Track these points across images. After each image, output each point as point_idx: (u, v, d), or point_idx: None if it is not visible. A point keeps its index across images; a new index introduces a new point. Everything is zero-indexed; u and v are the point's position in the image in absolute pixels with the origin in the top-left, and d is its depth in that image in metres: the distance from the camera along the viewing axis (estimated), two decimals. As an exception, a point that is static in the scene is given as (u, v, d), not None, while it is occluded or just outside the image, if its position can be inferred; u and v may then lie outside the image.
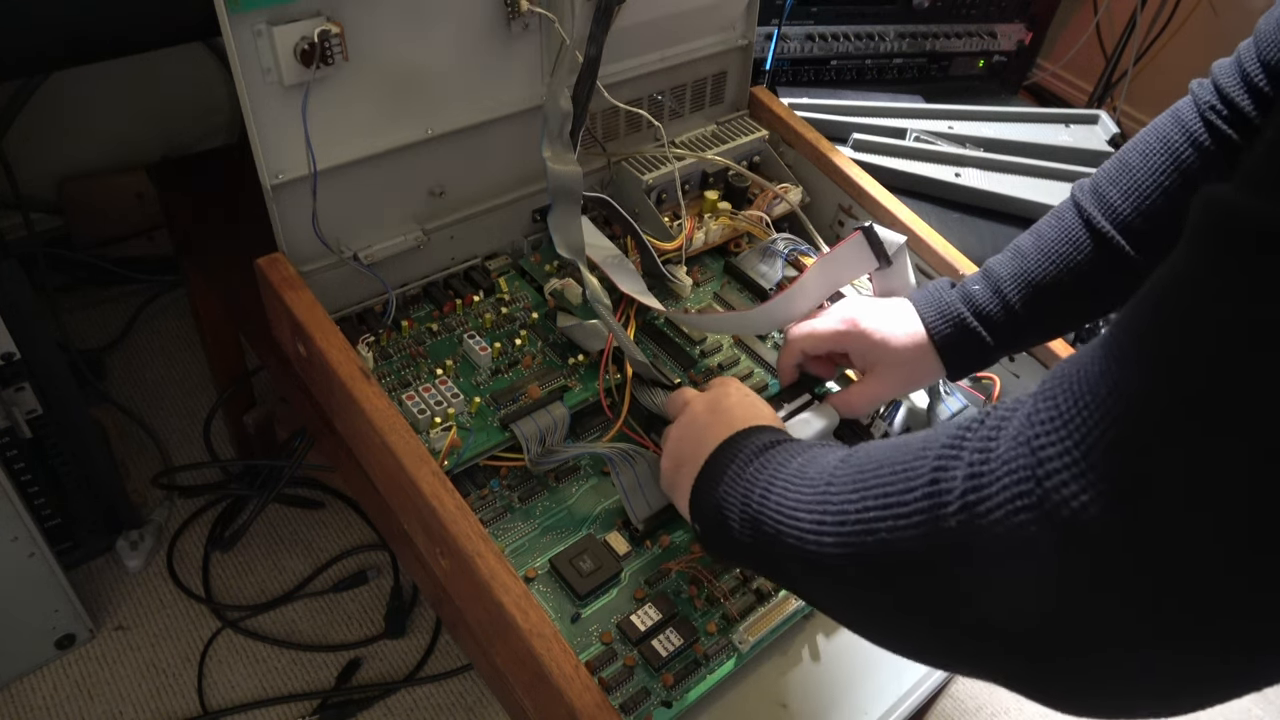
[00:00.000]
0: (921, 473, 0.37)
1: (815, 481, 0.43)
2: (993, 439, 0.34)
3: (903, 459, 0.38)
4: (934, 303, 0.67)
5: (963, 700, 1.12)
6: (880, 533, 0.38)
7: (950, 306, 0.66)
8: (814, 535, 0.41)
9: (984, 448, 0.35)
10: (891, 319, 0.67)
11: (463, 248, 0.80)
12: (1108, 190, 0.61)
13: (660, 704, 0.56)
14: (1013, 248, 0.65)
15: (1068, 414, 0.31)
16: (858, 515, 0.39)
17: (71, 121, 1.29)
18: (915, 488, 0.37)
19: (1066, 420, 0.31)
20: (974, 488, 0.34)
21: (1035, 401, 0.33)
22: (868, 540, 0.38)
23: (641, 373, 0.72)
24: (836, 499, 0.41)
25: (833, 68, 1.36)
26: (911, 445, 0.39)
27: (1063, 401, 0.32)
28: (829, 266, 0.74)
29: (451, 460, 0.64)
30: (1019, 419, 0.34)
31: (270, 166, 0.66)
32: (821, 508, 0.41)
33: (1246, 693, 0.30)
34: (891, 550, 0.37)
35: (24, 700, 0.99)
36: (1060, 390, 0.33)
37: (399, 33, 0.67)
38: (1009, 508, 0.32)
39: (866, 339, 0.67)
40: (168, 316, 1.41)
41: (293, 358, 0.73)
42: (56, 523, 0.99)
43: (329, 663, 1.06)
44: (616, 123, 0.85)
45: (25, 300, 0.82)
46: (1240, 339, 0.27)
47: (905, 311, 0.67)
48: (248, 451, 1.21)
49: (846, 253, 0.73)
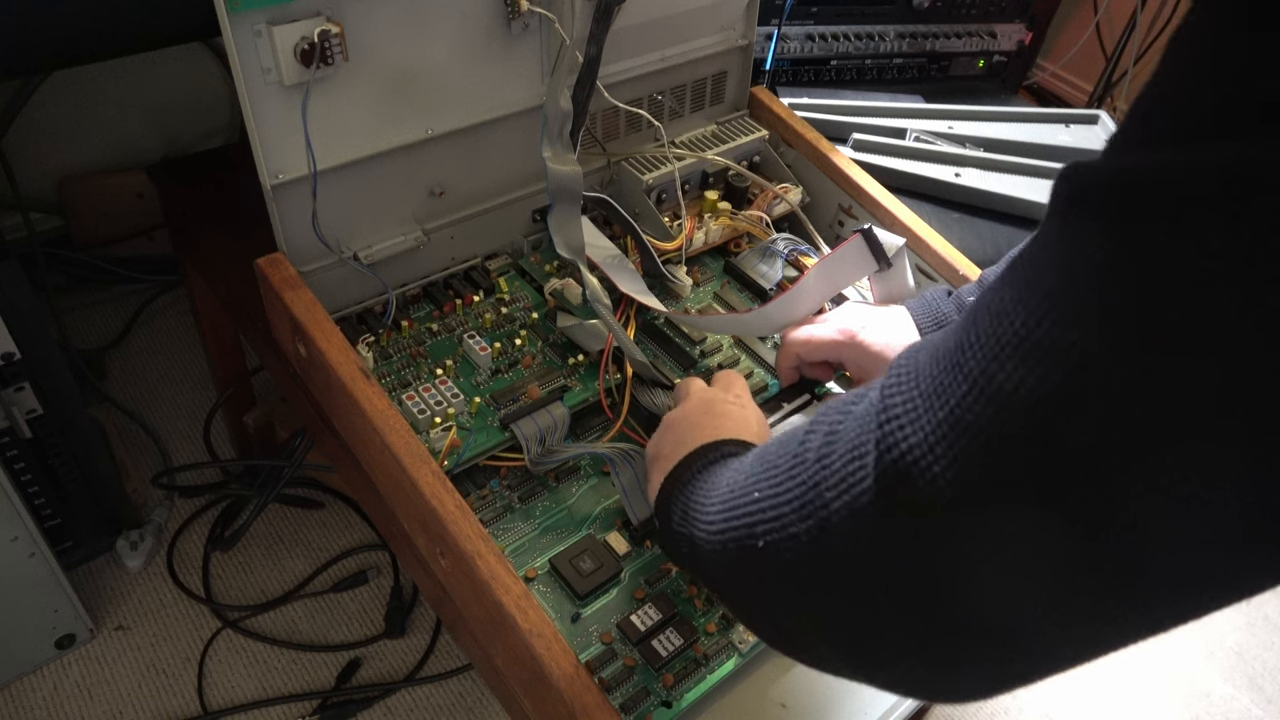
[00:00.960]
0: (794, 442, 0.38)
1: (728, 481, 0.44)
2: (855, 403, 0.36)
3: (788, 437, 0.40)
4: (929, 311, 0.68)
5: (963, 700, 1.12)
6: (762, 506, 0.38)
7: (946, 317, 0.67)
8: (710, 522, 0.42)
9: (845, 410, 0.36)
10: (889, 330, 0.67)
11: (463, 248, 0.80)
12: None
13: (660, 704, 0.56)
14: (1009, 257, 0.66)
15: (921, 369, 0.33)
16: (743, 496, 0.40)
17: (71, 121, 1.29)
18: (786, 455, 0.38)
19: (916, 372, 0.33)
20: (828, 441, 0.35)
21: (896, 362, 0.35)
22: (755, 529, 0.39)
23: (641, 373, 0.72)
24: (735, 491, 0.42)
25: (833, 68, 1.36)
26: (799, 425, 0.40)
27: (922, 357, 0.33)
28: (829, 269, 0.74)
29: (451, 460, 0.64)
30: (878, 383, 0.35)
31: (270, 166, 0.66)
32: (725, 499, 0.42)
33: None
34: (768, 519, 0.38)
35: (24, 700, 0.99)
36: (922, 349, 0.34)
37: (399, 33, 0.67)
38: (852, 453, 0.33)
39: (864, 350, 0.67)
40: (168, 316, 1.41)
41: (293, 358, 0.73)
42: (56, 523, 0.99)
43: (329, 663, 1.06)
44: (616, 123, 0.85)
45: (25, 300, 0.82)
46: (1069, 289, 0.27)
47: (902, 321, 0.68)
48: (248, 451, 1.21)
49: (846, 255, 0.73)
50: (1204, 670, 1.18)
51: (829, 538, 0.34)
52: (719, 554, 0.41)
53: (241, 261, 0.71)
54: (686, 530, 0.45)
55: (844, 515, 0.33)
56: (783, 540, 0.36)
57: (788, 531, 0.36)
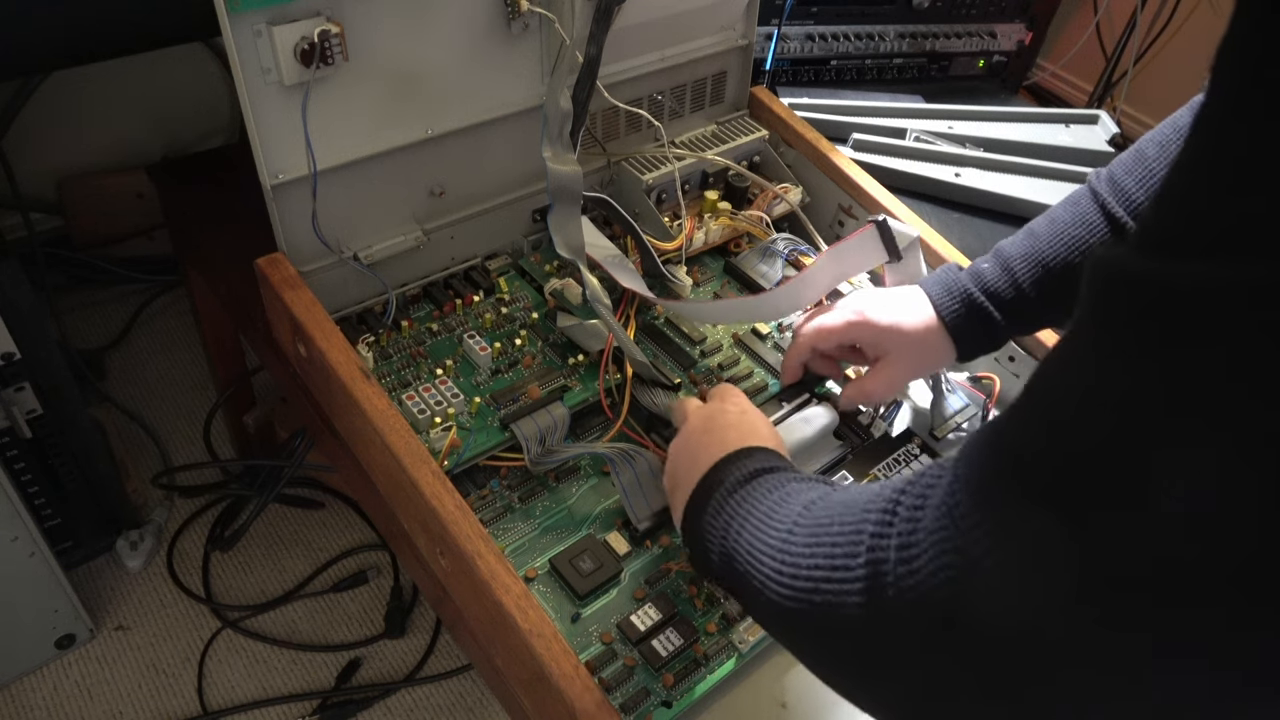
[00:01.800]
0: (862, 540, 0.37)
1: (779, 527, 0.43)
2: (920, 508, 0.35)
3: (851, 520, 0.39)
4: (942, 282, 0.68)
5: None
6: (826, 594, 0.38)
7: (958, 284, 0.67)
8: (774, 582, 0.42)
9: (911, 518, 0.35)
10: (900, 306, 0.68)
11: (463, 248, 0.80)
12: (1124, 179, 0.62)
13: (660, 704, 0.56)
14: (1026, 229, 0.67)
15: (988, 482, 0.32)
16: (808, 572, 0.40)
17: (71, 121, 1.29)
18: (858, 554, 0.37)
19: (986, 488, 0.32)
20: (904, 559, 0.34)
21: (956, 468, 0.34)
22: (814, 600, 0.39)
23: (641, 373, 0.72)
24: (794, 550, 0.41)
25: (833, 68, 1.36)
26: (858, 504, 0.39)
27: (981, 470, 0.32)
28: (839, 257, 0.74)
29: (451, 460, 0.64)
30: (943, 487, 0.34)
31: (270, 166, 0.66)
32: (780, 556, 0.42)
33: None
34: (834, 610, 0.38)
35: (24, 700, 0.99)
36: (977, 457, 0.33)
37: (399, 33, 0.67)
38: (936, 579, 0.33)
39: (876, 327, 0.67)
40: (168, 316, 1.41)
41: (293, 358, 0.73)
42: (56, 523, 0.99)
43: (329, 663, 1.06)
44: (616, 123, 0.85)
45: (25, 300, 0.82)
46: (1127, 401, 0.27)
47: (913, 296, 0.68)
48: (248, 451, 1.21)
49: (858, 244, 0.74)
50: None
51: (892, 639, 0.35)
52: (773, 609, 0.42)
53: (241, 261, 0.71)
54: (730, 567, 0.46)
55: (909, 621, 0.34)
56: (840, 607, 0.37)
57: (843, 615, 0.37)
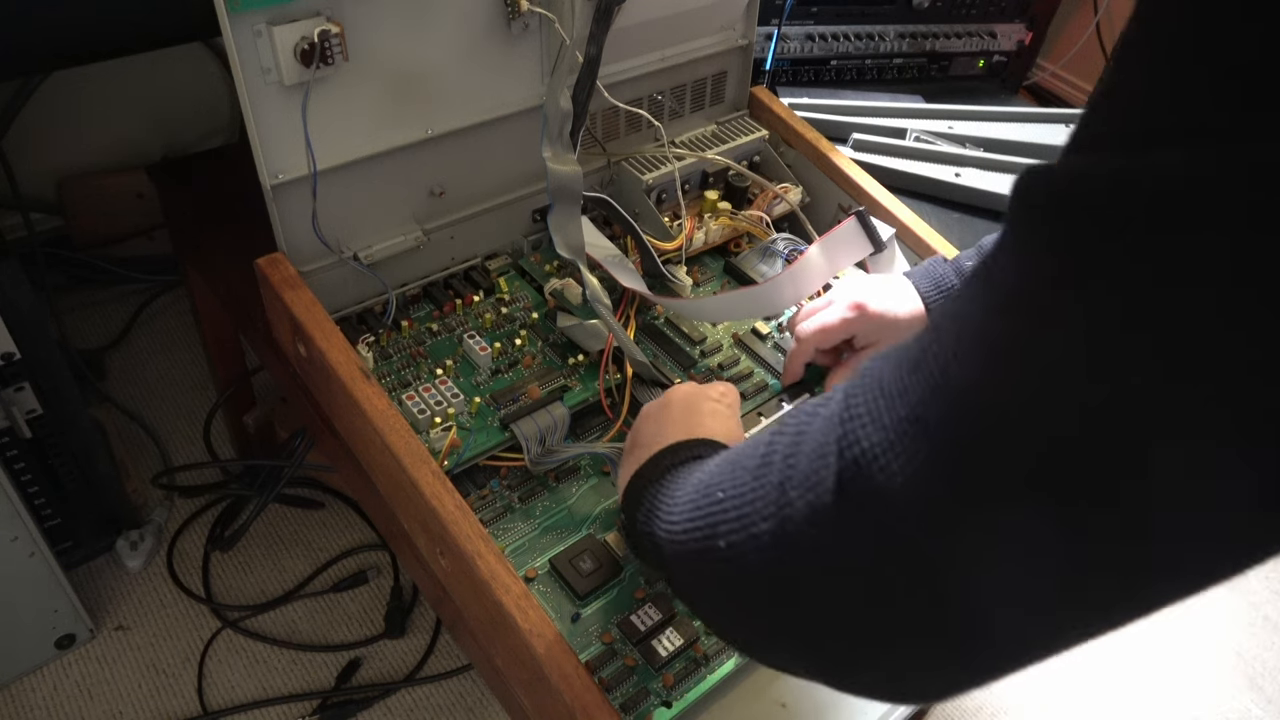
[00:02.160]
0: (761, 444, 0.38)
1: (698, 480, 0.43)
2: (822, 406, 0.35)
3: (755, 440, 0.39)
4: (929, 275, 0.71)
5: (962, 700, 1.12)
6: (724, 506, 0.38)
7: (944, 278, 0.70)
8: (679, 520, 0.42)
9: (813, 413, 0.36)
10: (893, 297, 0.70)
11: (463, 248, 0.80)
12: None
13: (660, 704, 0.56)
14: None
15: (885, 371, 0.33)
16: (707, 496, 0.40)
17: (71, 121, 1.29)
18: (753, 456, 0.38)
19: (881, 374, 0.33)
20: (795, 442, 0.35)
21: (861, 367, 0.35)
22: (714, 515, 0.39)
23: (641, 373, 0.72)
24: (704, 485, 0.41)
25: (833, 68, 1.36)
26: (760, 441, 0.40)
27: (887, 361, 0.33)
28: (828, 247, 0.77)
29: (451, 460, 0.64)
30: (843, 386, 0.35)
31: (270, 166, 0.66)
32: (690, 498, 0.42)
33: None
34: (730, 519, 0.38)
35: (24, 700, 0.99)
36: (889, 354, 0.34)
37: (399, 33, 0.67)
38: (816, 451, 0.33)
39: (873, 319, 0.70)
40: (168, 316, 1.41)
41: (293, 358, 0.73)
42: (56, 523, 0.99)
43: (329, 663, 1.06)
44: (616, 123, 0.85)
45: (25, 300, 0.82)
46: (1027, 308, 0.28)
47: (905, 288, 0.71)
48: (248, 451, 1.21)
49: (843, 235, 0.77)
50: (1204, 670, 1.18)
51: (790, 537, 0.34)
52: (681, 553, 0.41)
53: (241, 261, 0.71)
54: (650, 528, 0.45)
55: (805, 513, 0.33)
56: (745, 540, 0.36)
57: (749, 531, 0.36)
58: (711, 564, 0.38)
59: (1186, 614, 1.25)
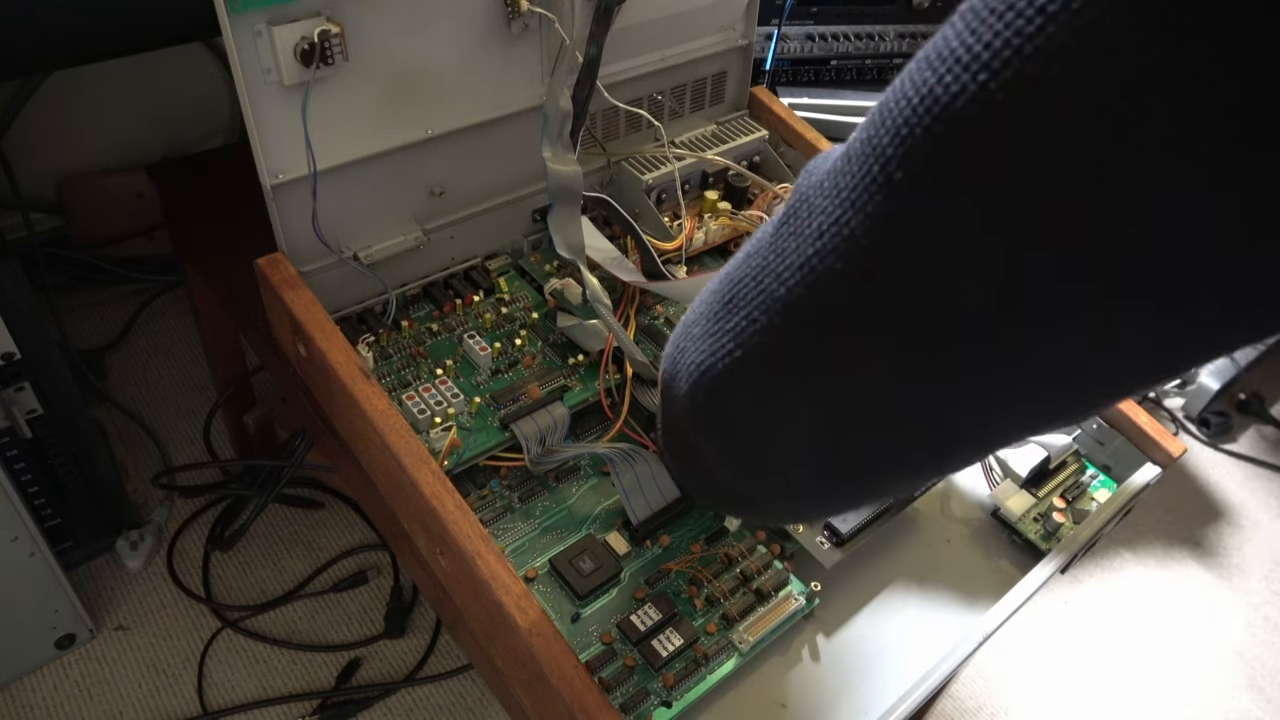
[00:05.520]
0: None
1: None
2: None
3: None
4: None
5: (962, 700, 1.12)
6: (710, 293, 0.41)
7: None
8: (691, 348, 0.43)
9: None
10: None
11: (463, 248, 0.80)
12: None
13: (660, 704, 0.56)
14: None
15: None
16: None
17: (71, 121, 1.29)
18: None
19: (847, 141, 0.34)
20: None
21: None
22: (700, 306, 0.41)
23: (641, 373, 0.72)
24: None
25: (833, 68, 1.36)
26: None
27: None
28: None
29: (451, 460, 0.64)
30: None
31: (270, 166, 0.66)
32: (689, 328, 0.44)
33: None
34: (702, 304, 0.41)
35: (24, 700, 0.99)
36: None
37: (399, 33, 0.67)
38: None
39: None
40: (168, 316, 1.41)
41: (292, 358, 0.73)
42: (56, 523, 0.99)
43: (329, 663, 1.06)
44: (616, 123, 0.85)
45: (25, 300, 0.82)
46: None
47: None
48: (248, 451, 1.21)
49: None
50: (1204, 670, 1.18)
51: (726, 280, 0.37)
52: (675, 374, 0.42)
53: (241, 262, 0.71)
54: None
55: (741, 258, 0.36)
56: (704, 311, 0.39)
57: (709, 306, 0.39)
58: (690, 375, 0.40)
59: (1186, 614, 1.25)
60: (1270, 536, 1.37)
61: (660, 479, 0.64)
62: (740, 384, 0.37)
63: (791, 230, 0.33)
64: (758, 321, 0.34)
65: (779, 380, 0.35)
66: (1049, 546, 0.67)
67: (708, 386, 0.38)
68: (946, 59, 0.26)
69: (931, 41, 0.28)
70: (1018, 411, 0.32)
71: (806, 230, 0.32)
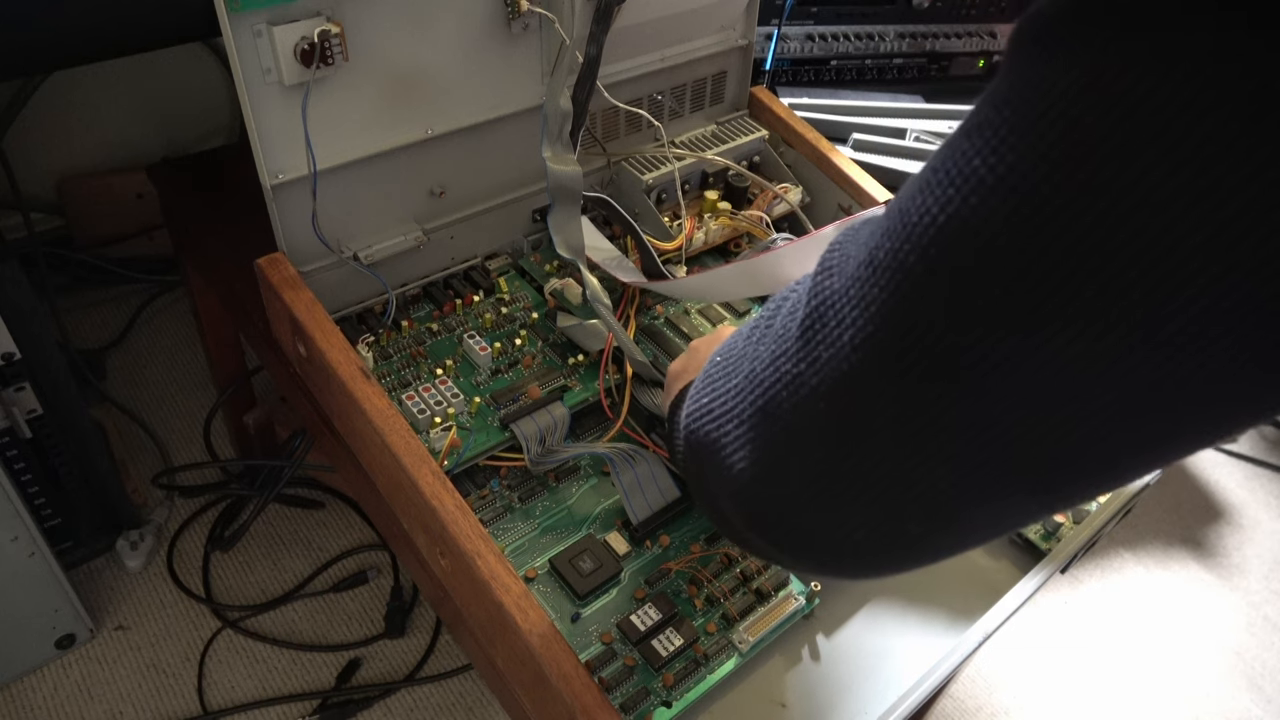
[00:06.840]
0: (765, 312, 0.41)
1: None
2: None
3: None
4: None
5: (962, 700, 1.12)
6: (720, 371, 0.41)
7: None
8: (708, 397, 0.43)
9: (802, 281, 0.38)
10: None
11: (463, 248, 0.80)
12: None
13: (660, 704, 0.56)
14: None
15: (860, 228, 0.34)
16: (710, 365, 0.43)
17: (71, 121, 1.29)
18: (746, 329, 0.41)
19: (856, 231, 0.34)
20: (784, 299, 0.38)
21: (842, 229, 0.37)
22: (716, 378, 0.42)
23: (641, 373, 0.72)
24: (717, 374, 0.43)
25: (833, 68, 1.36)
26: None
27: (866, 227, 0.34)
28: (819, 241, 0.75)
29: (451, 460, 0.64)
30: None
31: (270, 166, 0.66)
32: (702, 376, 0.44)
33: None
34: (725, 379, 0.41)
35: (24, 700, 0.99)
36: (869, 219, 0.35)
37: (399, 33, 0.67)
38: (790, 311, 0.36)
39: None
40: (168, 316, 1.41)
41: (293, 358, 0.73)
42: (56, 523, 0.99)
43: (329, 663, 1.06)
44: (616, 123, 0.85)
45: (25, 300, 0.82)
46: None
47: None
48: (248, 451, 1.21)
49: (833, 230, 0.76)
50: (1204, 670, 1.19)
51: (756, 383, 0.36)
52: (685, 434, 0.42)
53: (241, 261, 0.71)
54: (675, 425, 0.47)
55: (769, 359, 0.35)
56: (730, 394, 0.38)
57: (731, 384, 0.38)
58: (709, 439, 0.40)
59: (1186, 614, 1.25)
60: (1270, 536, 1.37)
61: (660, 479, 0.64)
62: (803, 501, 0.36)
63: (822, 339, 0.33)
64: (806, 433, 0.34)
65: (841, 495, 0.34)
66: (1049, 546, 0.67)
67: (766, 503, 0.37)
68: (969, 178, 0.27)
69: (947, 151, 0.29)
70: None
71: (840, 340, 0.32)
